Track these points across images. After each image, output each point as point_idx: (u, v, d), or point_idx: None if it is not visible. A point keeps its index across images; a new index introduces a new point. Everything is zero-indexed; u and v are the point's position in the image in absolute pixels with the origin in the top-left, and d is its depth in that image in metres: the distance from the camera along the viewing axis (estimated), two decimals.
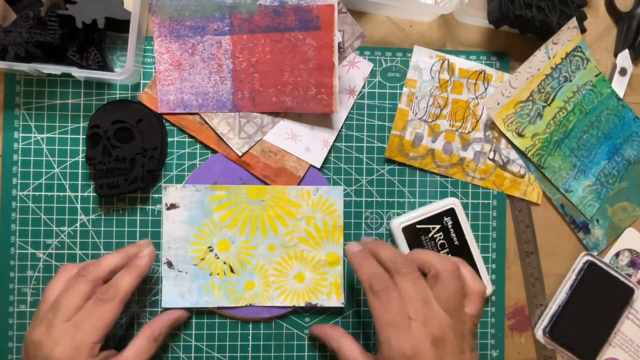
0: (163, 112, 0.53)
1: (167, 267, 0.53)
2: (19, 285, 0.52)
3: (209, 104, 0.53)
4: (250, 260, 0.53)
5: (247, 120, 0.53)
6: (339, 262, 0.54)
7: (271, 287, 0.54)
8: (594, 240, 0.59)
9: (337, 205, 0.54)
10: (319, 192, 0.54)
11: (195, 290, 0.53)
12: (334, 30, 0.51)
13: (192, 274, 0.53)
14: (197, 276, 0.53)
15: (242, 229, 0.53)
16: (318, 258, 0.54)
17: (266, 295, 0.53)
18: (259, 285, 0.53)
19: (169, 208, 0.53)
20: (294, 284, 0.54)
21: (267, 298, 0.53)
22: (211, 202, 0.53)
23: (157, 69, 0.52)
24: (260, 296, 0.53)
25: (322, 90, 0.52)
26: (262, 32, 0.52)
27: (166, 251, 0.53)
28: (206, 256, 0.53)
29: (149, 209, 0.54)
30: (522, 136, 0.57)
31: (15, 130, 0.53)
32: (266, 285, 0.53)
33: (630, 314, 0.58)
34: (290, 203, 0.54)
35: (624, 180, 0.60)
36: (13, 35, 0.47)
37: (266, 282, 0.53)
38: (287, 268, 0.54)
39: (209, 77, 0.53)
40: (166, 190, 0.53)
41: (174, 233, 0.53)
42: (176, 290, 0.53)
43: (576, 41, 0.57)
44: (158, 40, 0.52)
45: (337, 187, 0.54)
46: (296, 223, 0.54)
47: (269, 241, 0.54)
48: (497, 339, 0.57)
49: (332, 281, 0.54)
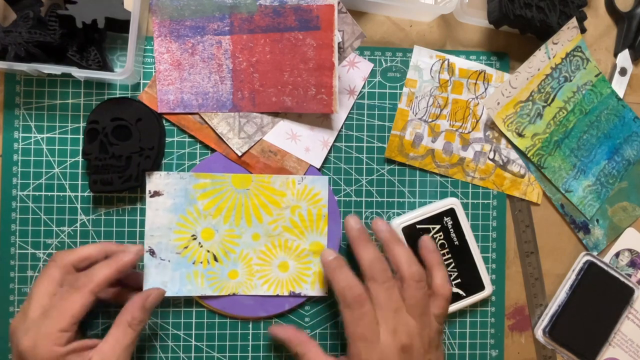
0: (163, 111, 0.52)
1: (149, 255, 0.52)
2: (19, 285, 0.52)
3: (208, 103, 0.53)
4: (234, 249, 0.53)
5: (247, 120, 0.53)
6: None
7: (255, 276, 0.53)
8: (594, 240, 0.59)
9: (322, 195, 0.54)
10: (304, 181, 0.54)
11: (178, 278, 0.52)
12: (334, 30, 0.50)
13: (174, 263, 0.52)
14: (180, 265, 0.52)
15: (227, 217, 0.53)
16: (302, 247, 0.54)
17: (250, 284, 0.53)
18: (242, 274, 0.53)
19: (152, 195, 0.52)
20: (277, 273, 0.53)
21: (251, 287, 0.53)
22: (195, 190, 0.53)
23: (157, 69, 0.52)
24: (244, 285, 0.53)
25: (322, 91, 0.51)
26: (262, 32, 0.52)
27: (149, 239, 0.52)
28: (189, 244, 0.53)
29: None
30: (522, 136, 0.57)
31: (15, 130, 0.52)
32: (250, 274, 0.53)
33: (630, 314, 0.58)
34: (275, 192, 0.53)
35: (624, 180, 0.59)
36: (13, 35, 0.47)
37: (250, 271, 0.53)
38: (271, 257, 0.53)
39: (209, 77, 0.52)
40: (150, 177, 0.52)
41: (156, 221, 0.52)
42: (159, 278, 0.52)
43: (576, 41, 0.56)
44: (158, 40, 0.52)
45: (323, 176, 0.54)
46: (281, 212, 0.54)
47: (253, 230, 0.53)
48: (497, 339, 0.57)
49: (316, 270, 0.54)
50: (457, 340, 0.56)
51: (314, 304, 0.55)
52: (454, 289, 0.54)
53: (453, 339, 0.56)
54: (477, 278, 0.55)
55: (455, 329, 0.57)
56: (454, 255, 0.55)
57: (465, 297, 0.55)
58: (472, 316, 0.57)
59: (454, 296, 0.54)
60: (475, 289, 0.55)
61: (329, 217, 0.54)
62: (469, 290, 0.55)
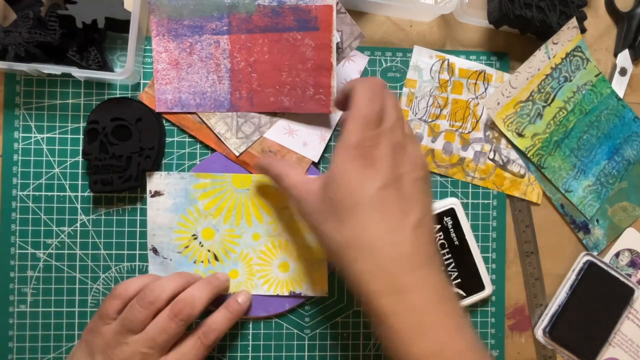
0: (161, 111, 0.52)
1: (152, 253, 0.52)
2: (19, 285, 0.52)
3: (206, 103, 0.52)
4: (235, 249, 0.53)
5: (244, 120, 0.53)
6: (323, 252, 0.54)
7: (255, 275, 0.53)
8: (594, 240, 0.58)
9: None
10: None
11: None
12: (332, 30, 0.50)
13: (176, 262, 0.52)
14: (182, 264, 0.52)
15: (227, 217, 0.53)
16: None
17: (250, 283, 0.53)
18: (242, 274, 0.53)
19: (153, 195, 0.52)
20: (277, 273, 0.53)
21: (251, 287, 0.53)
22: (196, 190, 0.53)
23: (155, 68, 0.52)
24: (244, 285, 0.53)
25: (320, 91, 0.51)
26: (260, 32, 0.51)
27: (151, 238, 0.52)
28: (190, 244, 0.53)
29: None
30: (522, 136, 0.56)
31: (15, 130, 0.52)
32: (250, 274, 0.53)
33: (630, 314, 0.58)
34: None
35: (624, 180, 0.59)
36: (13, 35, 0.47)
37: (250, 270, 0.53)
38: (271, 257, 0.53)
39: (207, 76, 0.52)
40: (150, 177, 0.52)
41: (158, 220, 0.52)
42: (162, 276, 0.52)
43: (576, 41, 0.56)
44: (156, 39, 0.52)
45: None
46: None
47: (253, 230, 0.53)
48: (497, 339, 0.57)
49: (316, 270, 0.53)
50: None
51: (314, 304, 0.55)
52: (454, 289, 0.54)
53: None
54: (477, 278, 0.55)
55: None
56: (454, 255, 0.54)
57: (465, 297, 0.54)
58: (472, 316, 0.56)
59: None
60: (475, 289, 0.55)
61: None
62: (469, 290, 0.54)
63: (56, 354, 0.52)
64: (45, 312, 0.52)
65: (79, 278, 0.52)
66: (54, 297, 0.52)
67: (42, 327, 0.52)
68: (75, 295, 0.52)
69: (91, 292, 0.52)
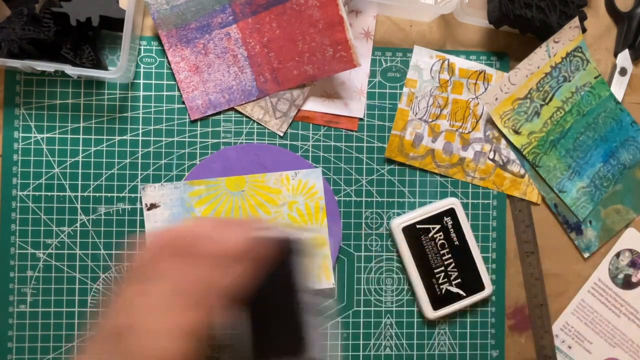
0: (196, 118, 0.49)
1: None
2: (19, 285, 0.48)
3: (236, 97, 0.49)
4: None
5: (277, 99, 0.49)
6: (325, 244, 0.50)
7: None
8: (585, 241, 0.54)
9: (317, 188, 0.50)
10: (297, 176, 0.50)
11: None
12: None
13: None
14: None
15: None
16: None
17: None
18: None
19: (149, 208, 0.49)
20: None
21: None
22: (191, 197, 0.49)
23: (177, 79, 0.49)
24: None
25: (339, 48, 0.47)
26: (264, 10, 0.48)
27: None
28: None
29: None
30: (519, 133, 0.52)
31: (15, 130, 0.48)
32: None
33: (631, 314, 0.52)
34: (270, 190, 0.49)
35: (619, 184, 0.54)
36: (6, 32, 0.43)
37: None
38: None
39: (228, 70, 0.49)
40: (144, 190, 0.48)
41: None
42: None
43: (577, 41, 0.51)
44: (170, 51, 0.48)
45: (315, 169, 0.50)
46: (279, 209, 0.49)
47: None
48: (497, 339, 0.52)
49: (320, 263, 0.50)
50: (457, 340, 0.52)
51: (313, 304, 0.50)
52: (455, 289, 0.50)
53: (453, 339, 0.51)
54: (477, 278, 0.51)
55: (456, 329, 0.52)
56: (454, 255, 0.51)
57: (465, 297, 0.51)
58: (472, 316, 0.52)
59: (454, 296, 0.50)
60: (475, 289, 0.51)
61: (329, 218, 0.50)
62: (469, 290, 0.51)
63: (56, 354, 0.48)
64: (44, 312, 0.48)
65: (78, 278, 0.49)
66: (53, 297, 0.48)
67: (41, 327, 0.48)
68: (75, 295, 0.49)
69: (91, 292, 0.49)
